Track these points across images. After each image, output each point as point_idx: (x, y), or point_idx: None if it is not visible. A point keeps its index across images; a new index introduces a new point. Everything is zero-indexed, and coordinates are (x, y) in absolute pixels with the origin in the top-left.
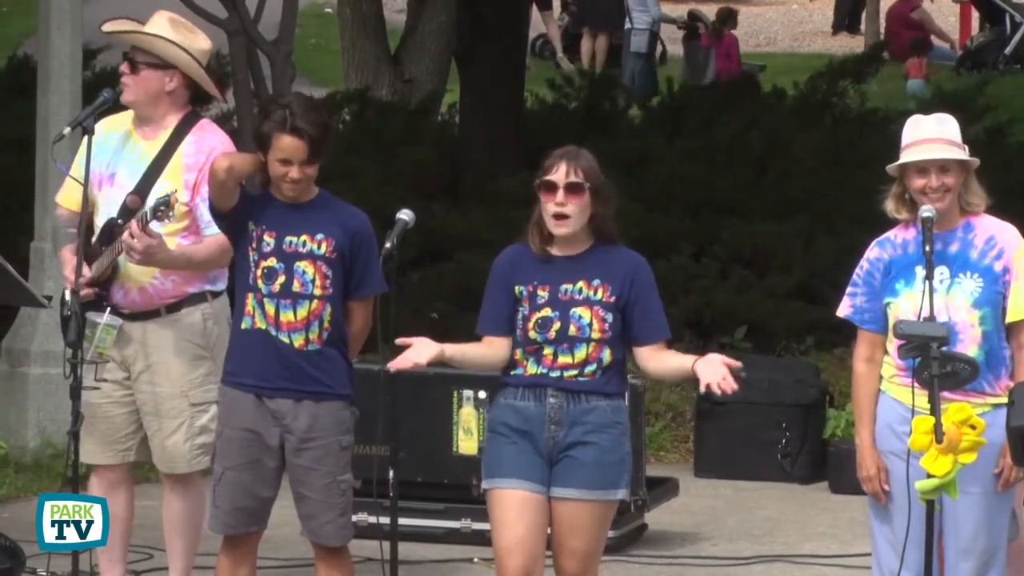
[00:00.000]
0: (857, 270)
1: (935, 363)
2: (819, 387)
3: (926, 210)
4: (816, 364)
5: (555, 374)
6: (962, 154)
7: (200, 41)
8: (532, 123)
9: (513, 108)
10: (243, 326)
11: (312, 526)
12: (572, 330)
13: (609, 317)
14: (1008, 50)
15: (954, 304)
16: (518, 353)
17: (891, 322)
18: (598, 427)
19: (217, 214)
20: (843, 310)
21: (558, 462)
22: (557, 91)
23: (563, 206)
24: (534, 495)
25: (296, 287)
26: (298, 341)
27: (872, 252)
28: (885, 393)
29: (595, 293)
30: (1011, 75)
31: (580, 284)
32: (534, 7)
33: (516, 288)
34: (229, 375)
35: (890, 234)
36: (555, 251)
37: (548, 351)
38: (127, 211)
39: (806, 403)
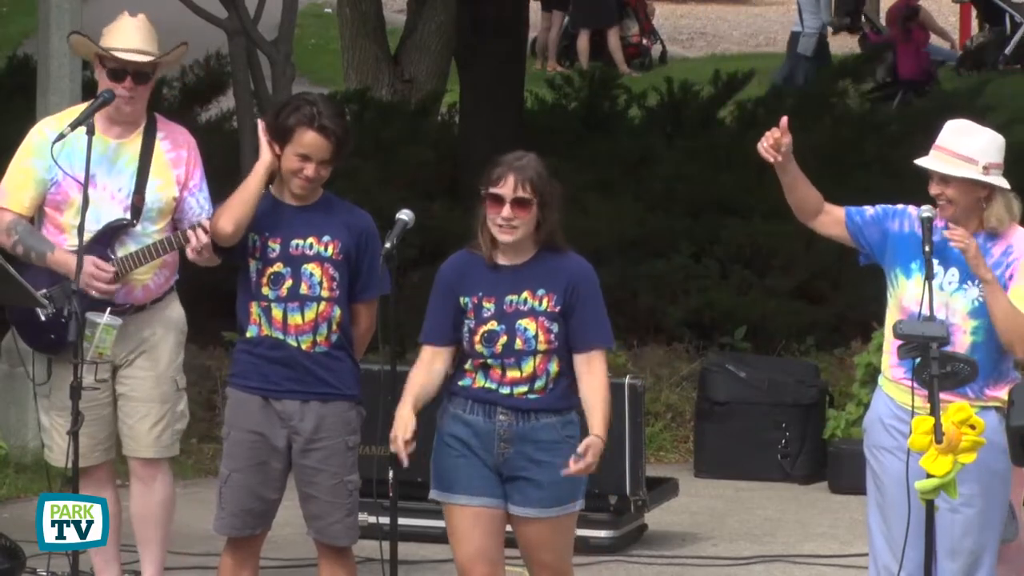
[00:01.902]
0: (890, 204)
1: (935, 363)
2: (819, 387)
3: (925, 209)
4: (816, 364)
5: (505, 390)
6: (961, 170)
7: None
8: (532, 123)
9: (513, 108)
10: (249, 335)
11: (319, 526)
12: (518, 343)
13: (554, 327)
14: (1008, 50)
15: (953, 307)
16: (467, 363)
17: (892, 300)
18: (550, 445)
19: (218, 247)
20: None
21: (512, 479)
22: (557, 91)
23: (510, 220)
24: (487, 509)
25: (304, 290)
26: (306, 343)
27: (912, 209)
28: (880, 388)
29: (540, 303)
30: (1011, 75)
31: (525, 294)
32: (538, 7)
33: (461, 299)
34: (235, 378)
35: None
36: (501, 259)
37: (495, 365)
38: (137, 211)
39: (806, 403)
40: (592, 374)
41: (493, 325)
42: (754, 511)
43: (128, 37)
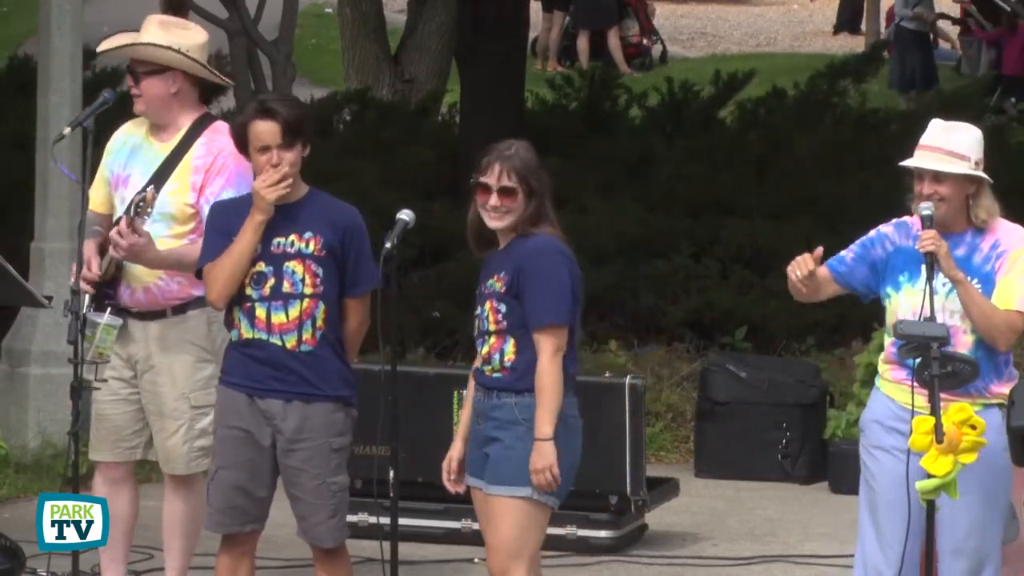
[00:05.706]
0: (865, 235)
1: (935, 363)
2: (819, 387)
3: (925, 208)
4: (816, 364)
5: (480, 367)
6: (956, 167)
7: (194, 36)
8: (532, 123)
9: (513, 108)
10: (232, 338)
11: (304, 527)
12: (478, 324)
13: (502, 308)
14: None
15: (950, 308)
16: None
17: (888, 316)
18: (503, 423)
19: None
20: (830, 260)
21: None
22: (557, 91)
23: (497, 207)
24: (475, 489)
25: (286, 287)
26: (290, 342)
27: (886, 228)
28: (878, 389)
29: (498, 285)
30: None
31: (493, 277)
32: (539, 7)
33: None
34: (224, 375)
35: (910, 220)
36: (500, 242)
37: (478, 344)
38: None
39: (806, 403)
40: (539, 357)
41: (478, 308)
42: (754, 511)
43: (142, 35)
